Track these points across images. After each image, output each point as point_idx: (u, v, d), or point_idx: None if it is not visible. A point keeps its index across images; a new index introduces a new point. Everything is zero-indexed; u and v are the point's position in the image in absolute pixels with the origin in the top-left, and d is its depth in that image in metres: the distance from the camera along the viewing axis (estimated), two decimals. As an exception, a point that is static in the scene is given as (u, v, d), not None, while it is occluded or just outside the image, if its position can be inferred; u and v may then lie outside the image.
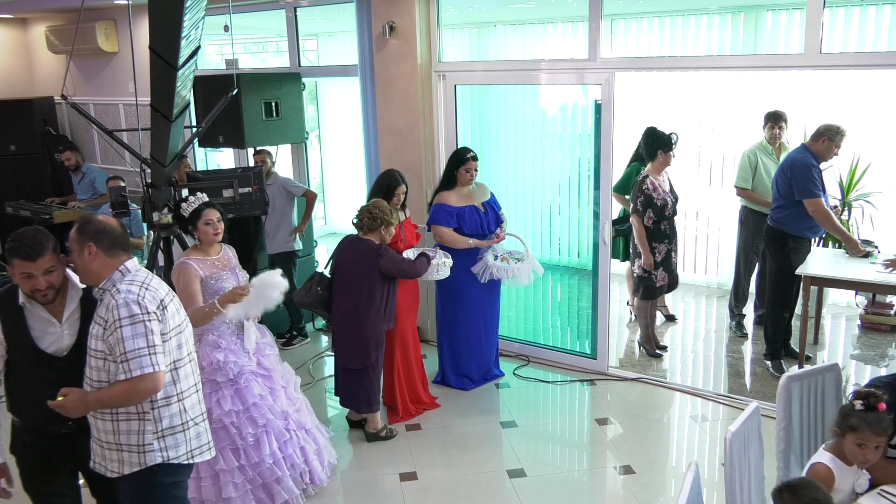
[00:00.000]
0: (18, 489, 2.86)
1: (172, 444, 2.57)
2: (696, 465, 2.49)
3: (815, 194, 4.71)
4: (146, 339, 2.40)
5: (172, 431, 2.57)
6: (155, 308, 2.46)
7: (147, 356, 2.40)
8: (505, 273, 4.78)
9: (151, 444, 2.52)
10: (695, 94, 6.73)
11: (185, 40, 3.17)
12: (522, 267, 4.81)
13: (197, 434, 2.67)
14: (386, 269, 4.18)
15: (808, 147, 4.83)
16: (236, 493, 3.53)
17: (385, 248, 4.22)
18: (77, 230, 2.52)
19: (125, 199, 4.34)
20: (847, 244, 4.96)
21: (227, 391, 3.56)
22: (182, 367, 2.59)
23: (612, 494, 3.94)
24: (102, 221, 2.56)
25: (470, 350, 5.03)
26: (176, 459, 2.58)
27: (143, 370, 2.39)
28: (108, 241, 2.51)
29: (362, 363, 4.30)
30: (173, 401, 2.56)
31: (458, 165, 4.79)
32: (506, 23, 6.70)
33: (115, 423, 2.52)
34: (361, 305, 4.23)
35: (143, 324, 2.41)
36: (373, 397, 4.38)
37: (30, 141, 7.86)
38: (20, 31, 8.48)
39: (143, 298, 2.44)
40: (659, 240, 5.18)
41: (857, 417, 2.60)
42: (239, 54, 7.04)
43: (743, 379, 5.15)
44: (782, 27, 5.69)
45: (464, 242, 4.78)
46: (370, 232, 4.21)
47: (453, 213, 4.79)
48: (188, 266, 3.55)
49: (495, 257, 4.81)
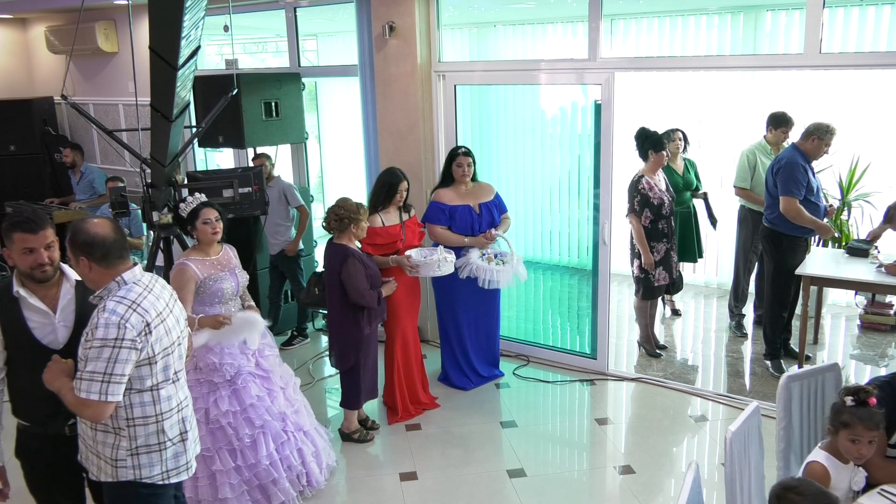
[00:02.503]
0: (18, 489, 2.86)
1: (147, 463, 2.50)
2: (696, 465, 2.49)
3: (792, 193, 4.73)
4: (107, 366, 2.30)
5: (147, 450, 2.50)
6: (136, 334, 2.34)
7: (99, 383, 2.30)
8: (483, 273, 4.70)
9: (124, 459, 2.47)
10: (695, 94, 6.74)
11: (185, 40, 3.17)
12: (503, 270, 4.73)
13: (175, 454, 2.58)
14: (343, 278, 4.10)
15: (797, 146, 4.84)
16: (232, 493, 3.52)
17: (351, 258, 4.10)
18: (69, 241, 2.43)
19: (125, 199, 4.34)
20: (819, 231, 4.90)
21: (224, 391, 3.56)
22: (164, 388, 2.51)
23: (612, 494, 3.94)
24: (92, 232, 2.41)
25: (466, 348, 5.04)
26: (149, 479, 2.52)
27: (88, 395, 2.31)
28: (101, 252, 2.40)
29: (339, 367, 4.34)
30: (151, 421, 2.48)
31: (450, 161, 4.83)
32: (505, 23, 6.70)
33: (94, 431, 2.49)
34: (334, 310, 4.24)
35: (112, 349, 2.31)
36: (352, 398, 4.39)
37: (29, 141, 7.87)
38: (20, 31, 8.48)
39: (128, 321, 2.33)
40: (657, 239, 5.18)
41: (849, 413, 2.61)
42: (239, 54, 7.04)
43: (743, 379, 5.15)
44: (782, 27, 5.69)
45: (458, 240, 4.77)
46: (341, 234, 4.14)
47: (446, 211, 4.80)
48: (186, 268, 3.54)
49: (481, 256, 4.78)
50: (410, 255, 4.47)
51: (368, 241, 4.42)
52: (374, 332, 4.37)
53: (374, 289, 4.18)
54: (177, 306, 2.64)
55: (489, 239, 4.81)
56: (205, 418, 3.50)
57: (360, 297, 4.11)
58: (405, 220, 4.63)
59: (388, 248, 4.52)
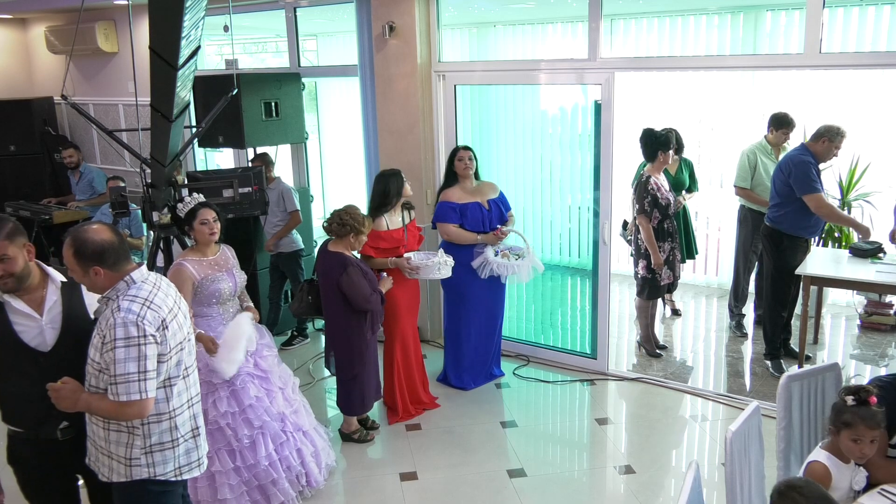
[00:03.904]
0: (12, 494, 2.84)
1: (160, 461, 2.53)
2: (696, 465, 2.49)
3: (816, 189, 4.70)
4: (138, 364, 2.33)
5: (161, 448, 2.52)
6: (154, 330, 2.38)
7: (136, 382, 2.33)
8: (505, 269, 4.75)
9: (139, 458, 2.49)
10: (694, 94, 6.73)
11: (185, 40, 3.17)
12: (522, 264, 4.79)
13: (186, 451, 2.61)
14: (343, 288, 4.07)
15: (807, 147, 4.83)
16: (232, 494, 3.52)
17: (351, 266, 4.08)
18: (75, 255, 2.40)
19: (125, 199, 4.34)
20: (858, 231, 4.97)
21: (223, 392, 3.56)
22: (176, 385, 2.53)
23: (612, 494, 3.94)
24: (98, 240, 2.41)
25: (472, 349, 5.04)
26: (163, 476, 2.54)
27: (129, 396, 2.33)
28: (113, 257, 2.42)
29: (341, 375, 4.32)
30: (164, 418, 2.51)
31: (452, 159, 4.85)
32: (505, 23, 6.69)
33: (106, 431, 2.50)
34: (335, 319, 4.22)
35: (138, 347, 2.33)
36: (354, 405, 4.38)
37: (29, 141, 7.87)
38: (20, 32, 8.48)
39: (144, 319, 2.36)
40: (663, 238, 5.19)
41: (850, 413, 2.61)
42: (239, 54, 7.04)
43: (743, 379, 5.15)
44: (782, 27, 5.69)
45: (472, 238, 4.77)
46: (339, 239, 4.11)
47: (456, 209, 4.79)
48: (183, 268, 3.54)
49: (496, 253, 4.80)
50: (410, 258, 4.47)
51: (372, 244, 4.40)
52: (375, 336, 4.36)
53: (374, 292, 4.17)
54: (182, 303, 2.64)
55: (500, 236, 4.82)
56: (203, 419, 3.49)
57: (365, 303, 4.10)
58: (407, 224, 4.63)
59: (391, 251, 4.51)
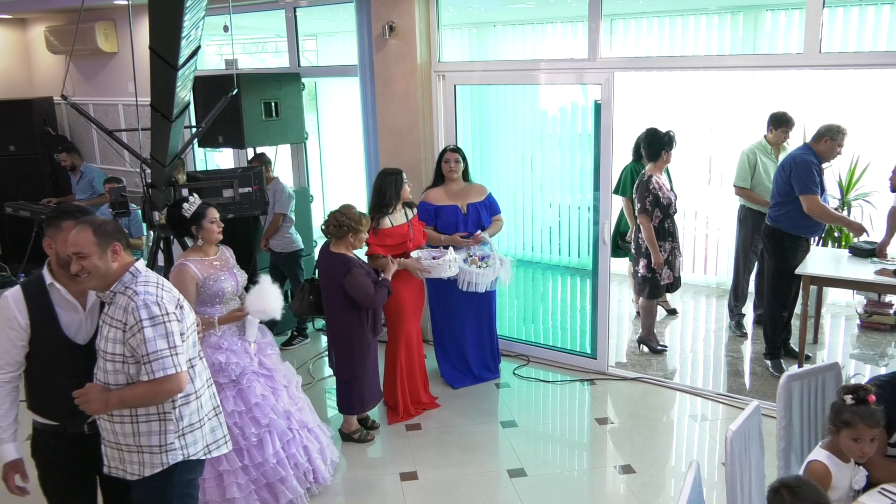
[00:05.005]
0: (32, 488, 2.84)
1: (192, 441, 2.60)
2: (696, 465, 2.49)
3: (812, 190, 4.71)
4: (167, 340, 2.41)
5: (191, 429, 2.60)
6: (174, 308, 2.47)
7: (169, 357, 2.41)
8: (463, 275, 4.64)
9: (173, 443, 2.54)
10: (694, 94, 6.73)
11: (185, 40, 3.17)
12: (484, 273, 4.66)
13: (211, 429, 2.70)
14: (349, 290, 4.07)
15: (810, 147, 4.84)
16: (240, 493, 3.52)
17: (354, 267, 4.07)
18: (96, 233, 2.42)
19: (125, 200, 4.34)
20: (850, 229, 4.99)
21: (229, 392, 3.56)
22: (196, 365, 2.62)
23: (612, 494, 3.94)
24: (110, 220, 2.55)
25: (459, 345, 5.05)
26: (195, 455, 2.61)
27: (165, 371, 2.40)
28: (125, 239, 2.53)
29: (340, 375, 4.32)
30: (192, 399, 2.58)
31: (441, 159, 4.86)
32: (505, 23, 6.70)
33: (134, 426, 2.51)
34: (337, 319, 4.22)
35: (164, 325, 2.41)
36: (353, 405, 4.38)
37: (29, 141, 7.87)
38: (20, 32, 8.48)
39: (162, 299, 2.45)
40: (663, 238, 5.20)
41: (850, 412, 2.60)
42: (238, 54, 7.04)
43: (742, 378, 5.15)
44: (782, 27, 5.69)
45: (435, 239, 4.77)
46: (338, 240, 4.11)
47: (431, 211, 4.83)
48: (186, 268, 3.53)
49: (466, 258, 4.72)
50: (420, 258, 4.46)
51: (379, 242, 4.41)
52: (376, 337, 4.36)
53: (377, 285, 4.16)
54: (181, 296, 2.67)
55: (474, 241, 4.78)
56: None
57: (371, 301, 4.11)
58: (410, 219, 4.63)
59: (399, 247, 4.51)
